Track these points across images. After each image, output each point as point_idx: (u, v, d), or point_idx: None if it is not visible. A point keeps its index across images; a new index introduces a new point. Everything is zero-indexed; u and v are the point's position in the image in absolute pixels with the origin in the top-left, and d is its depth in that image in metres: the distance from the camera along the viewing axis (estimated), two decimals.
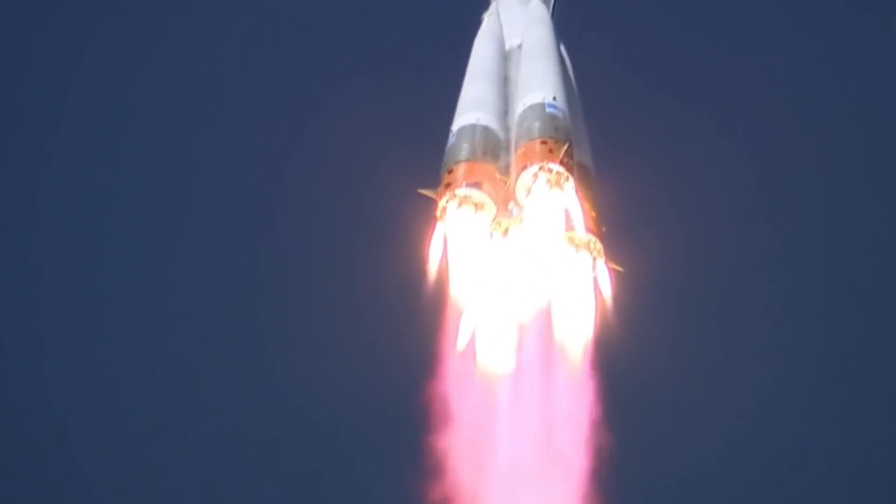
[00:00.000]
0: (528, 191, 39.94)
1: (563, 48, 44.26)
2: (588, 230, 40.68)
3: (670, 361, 48.83)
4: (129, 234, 67.65)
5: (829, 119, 63.12)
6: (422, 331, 39.66)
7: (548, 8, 44.40)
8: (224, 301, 62.63)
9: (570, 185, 39.89)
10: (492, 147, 40.63)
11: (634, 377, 42.83)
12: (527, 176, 39.92)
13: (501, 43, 43.42)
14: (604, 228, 41.26)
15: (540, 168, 39.86)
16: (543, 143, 40.04)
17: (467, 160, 40.27)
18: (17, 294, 67.08)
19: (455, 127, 41.09)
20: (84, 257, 67.63)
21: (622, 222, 42.24)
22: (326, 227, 55.85)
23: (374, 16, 61.63)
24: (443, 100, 42.12)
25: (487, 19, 44.00)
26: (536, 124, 40.26)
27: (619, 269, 41.32)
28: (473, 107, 41.40)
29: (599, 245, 40.83)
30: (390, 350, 42.26)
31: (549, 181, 39.88)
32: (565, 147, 39.95)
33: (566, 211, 40.01)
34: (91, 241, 68.00)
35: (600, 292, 40.74)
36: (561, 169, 39.77)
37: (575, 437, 39.77)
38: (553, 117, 40.59)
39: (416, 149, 42.09)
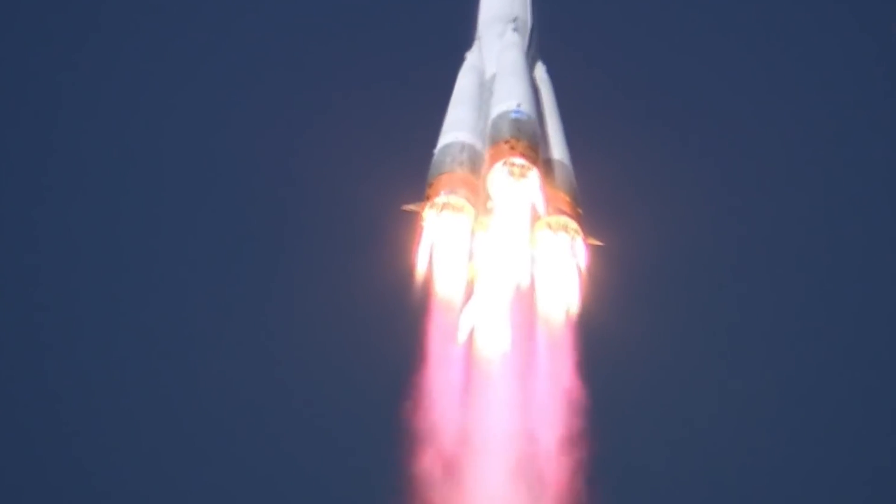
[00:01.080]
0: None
1: (543, 68, 49.07)
2: (565, 213, 44.92)
3: (646, 329, 51.72)
4: (126, 236, 69.58)
5: (803, 99, 65.74)
6: (412, 325, 43.80)
7: (524, 36, 49.18)
8: (220, 297, 64.99)
9: (534, 174, 44.25)
10: (470, 159, 45.23)
11: (613, 346, 46.08)
12: (494, 172, 44.54)
13: (482, 73, 48.10)
14: (580, 211, 45.51)
15: (503, 163, 44.39)
16: (507, 142, 44.54)
17: (446, 172, 45.05)
18: (15, 294, 69.33)
19: (437, 147, 45.98)
20: (82, 257, 69.74)
21: (602, 206, 46.27)
22: (321, 239, 59.10)
23: (365, 36, 64.33)
24: (432, 123, 46.78)
25: (469, 56, 48.91)
26: (503, 128, 44.80)
27: (599, 243, 45.43)
28: (453, 128, 46.13)
29: (575, 225, 44.96)
30: (382, 342, 46.16)
31: (512, 173, 44.32)
32: (527, 143, 44.40)
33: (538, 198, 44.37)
34: (89, 241, 70.30)
35: (578, 267, 44.79)
36: (523, 161, 44.17)
37: (556, 416, 43.66)
38: (517, 121, 45.09)
39: (403, 169, 46.28)
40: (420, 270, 44.31)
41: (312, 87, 62.92)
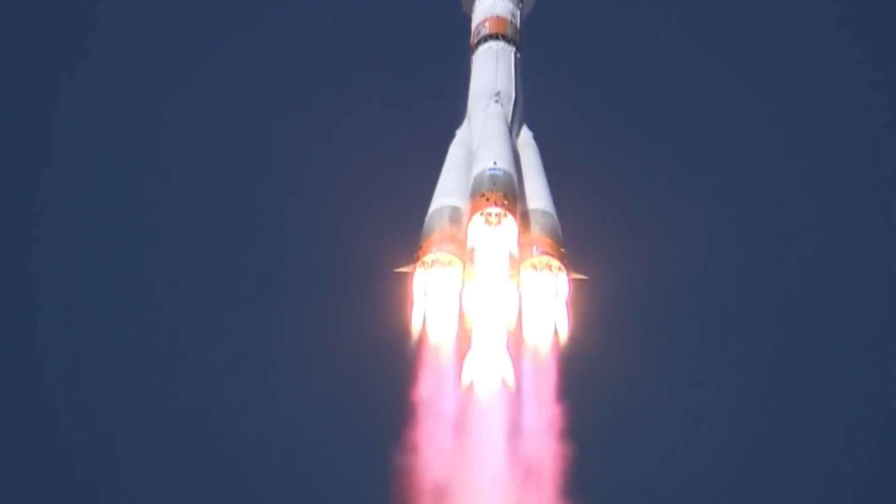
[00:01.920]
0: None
1: (530, 134, 52.28)
2: (548, 254, 47.61)
3: (632, 360, 53.39)
4: (122, 237, 71.88)
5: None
6: (407, 370, 46.63)
7: (507, 107, 52.49)
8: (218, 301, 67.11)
9: (509, 220, 47.16)
10: (455, 219, 48.48)
11: (599, 377, 48.12)
12: (472, 223, 47.61)
13: (469, 145, 51.61)
14: (563, 251, 48.11)
15: (480, 213, 47.45)
16: (482, 195, 47.68)
17: (434, 233, 48.25)
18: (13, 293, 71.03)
19: (427, 215, 49.36)
20: (78, 254, 71.91)
21: (587, 246, 48.82)
22: (319, 296, 61.20)
23: (366, 110, 67.49)
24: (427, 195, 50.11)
25: (459, 132, 52.42)
26: (480, 183, 47.96)
27: (584, 277, 47.84)
28: (441, 195, 49.34)
29: (558, 262, 47.52)
30: (378, 386, 48.67)
31: (488, 222, 47.31)
32: (502, 193, 47.46)
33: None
34: (85, 239, 72.63)
35: (562, 300, 47.24)
36: (498, 209, 47.17)
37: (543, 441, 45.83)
38: (493, 176, 48.21)
39: (398, 235, 49.51)
40: (414, 322, 47.07)
41: (317, 157, 65.93)
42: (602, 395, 48.54)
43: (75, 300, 71.34)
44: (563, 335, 47.03)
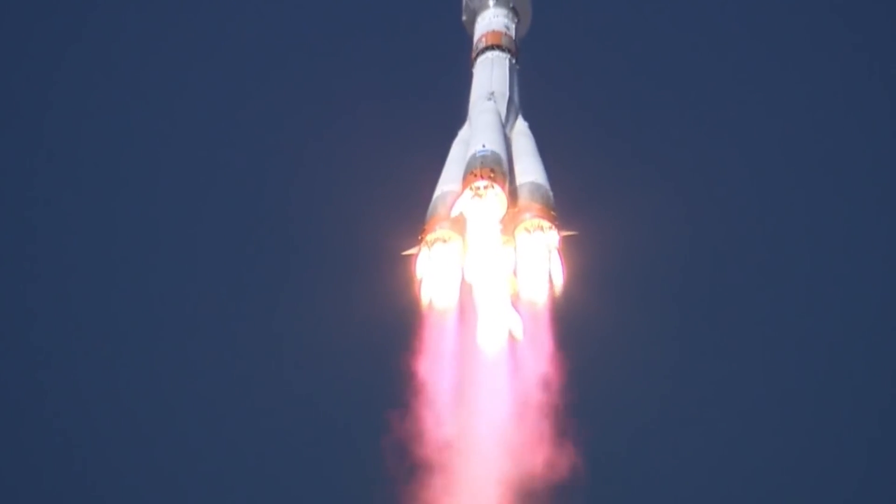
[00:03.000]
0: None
1: (525, 123, 56.34)
2: (538, 216, 51.41)
3: (620, 307, 56.30)
4: (132, 222, 74.00)
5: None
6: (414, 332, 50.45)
7: (502, 104, 56.64)
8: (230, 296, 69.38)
9: (496, 191, 51.05)
10: (453, 201, 52.65)
11: (591, 323, 51.35)
12: (462, 198, 51.63)
13: (468, 143, 55.78)
14: (554, 213, 51.81)
15: (470, 188, 51.49)
16: (472, 173, 51.81)
17: (436, 215, 52.43)
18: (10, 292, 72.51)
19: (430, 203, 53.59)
20: (88, 234, 73.92)
21: (578, 210, 52.54)
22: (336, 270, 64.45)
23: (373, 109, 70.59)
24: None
25: (461, 132, 56.65)
26: (471, 164, 52.19)
27: (574, 233, 51.44)
28: (443, 184, 53.58)
29: (548, 223, 51.23)
30: (389, 346, 52.28)
31: (477, 194, 51.29)
32: (489, 169, 51.50)
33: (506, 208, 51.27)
34: (94, 219, 74.47)
35: (556, 256, 50.89)
36: (485, 182, 51.17)
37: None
38: (482, 156, 52.35)
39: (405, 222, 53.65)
40: (422, 294, 51.04)
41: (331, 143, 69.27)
42: (594, 339, 51.50)
43: (85, 278, 73.68)
44: (558, 285, 50.25)
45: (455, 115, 56.62)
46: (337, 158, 67.22)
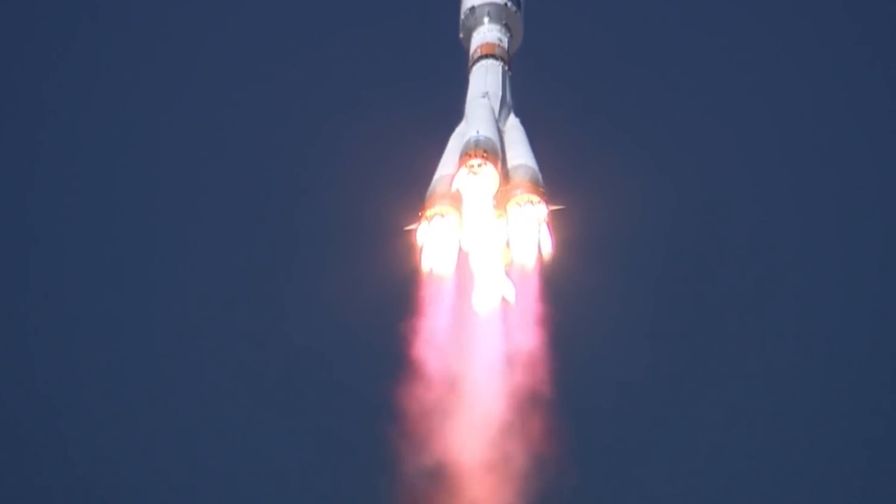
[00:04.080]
0: None
1: (517, 119, 61.48)
2: (528, 192, 56.52)
3: (604, 275, 61.15)
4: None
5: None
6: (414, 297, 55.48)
7: (495, 102, 61.83)
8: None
9: (489, 168, 56.20)
10: (451, 182, 57.80)
11: (577, 288, 56.34)
12: (458, 176, 56.79)
13: (465, 136, 61.06)
14: (542, 190, 56.92)
15: (465, 166, 56.68)
16: (467, 154, 57.02)
17: (434, 194, 57.55)
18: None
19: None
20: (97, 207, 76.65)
21: (566, 187, 57.64)
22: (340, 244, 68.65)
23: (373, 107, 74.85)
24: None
25: (458, 128, 61.82)
26: (466, 147, 57.43)
27: (561, 206, 56.47)
28: (441, 169, 58.74)
29: (537, 197, 56.32)
30: (390, 310, 57.04)
31: (471, 171, 56.43)
32: (483, 150, 56.71)
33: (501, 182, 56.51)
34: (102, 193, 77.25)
35: (544, 227, 56.00)
36: (479, 160, 56.36)
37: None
38: (476, 140, 57.57)
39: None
40: (423, 262, 56.11)
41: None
42: (579, 302, 56.33)
43: (93, 255, 76.54)
44: (546, 254, 55.29)
45: (452, 112, 61.75)
46: (344, 144, 71.67)
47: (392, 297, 56.12)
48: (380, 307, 57.57)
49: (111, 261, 76.35)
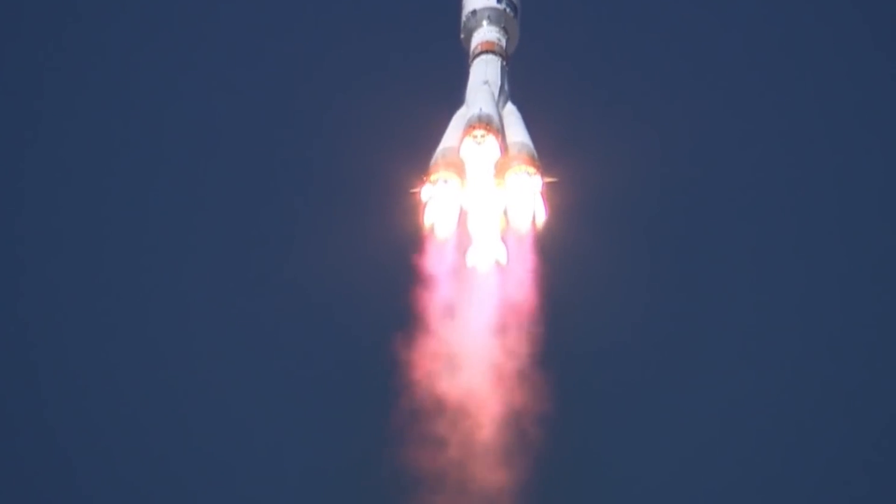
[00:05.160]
0: None
1: (514, 106, 66.97)
2: (524, 163, 62.09)
3: (592, 239, 66.62)
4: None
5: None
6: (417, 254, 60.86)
7: (494, 90, 67.32)
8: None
9: (490, 139, 61.75)
10: (455, 154, 63.19)
11: (567, 252, 61.82)
12: (463, 144, 62.29)
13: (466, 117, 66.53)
14: (538, 164, 62.48)
15: (469, 136, 62.21)
16: (471, 126, 62.53)
17: (438, 162, 62.99)
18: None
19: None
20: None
21: (558, 162, 63.17)
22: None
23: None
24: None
25: (459, 111, 67.24)
26: (470, 121, 62.92)
27: (554, 179, 61.99)
28: (444, 142, 64.06)
29: (533, 169, 61.87)
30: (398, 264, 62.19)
31: (475, 140, 61.92)
32: (485, 123, 62.23)
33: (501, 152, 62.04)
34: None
35: (538, 198, 61.57)
36: (482, 131, 61.89)
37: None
38: (479, 115, 63.06)
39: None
40: (426, 222, 61.44)
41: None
42: (569, 261, 61.71)
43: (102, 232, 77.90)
44: (540, 220, 60.79)
45: (454, 88, 66.88)
46: (357, 113, 76.44)
47: (397, 253, 60.95)
48: (386, 263, 62.41)
49: (113, 226, 78.08)
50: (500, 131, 62.41)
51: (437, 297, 60.13)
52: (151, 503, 71.16)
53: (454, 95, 66.77)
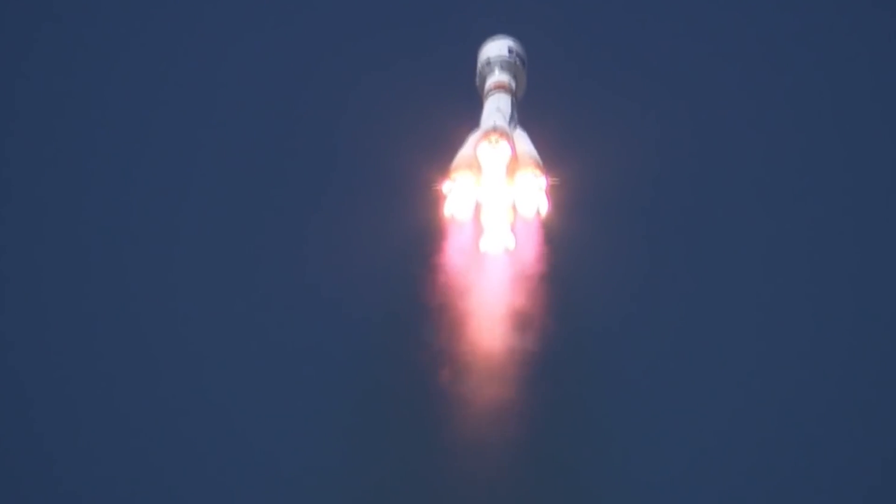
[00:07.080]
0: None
1: (525, 132, 76.60)
2: (534, 168, 71.82)
3: (592, 230, 74.94)
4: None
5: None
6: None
7: (505, 117, 77.12)
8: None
9: (504, 143, 71.50)
10: (473, 160, 72.90)
11: (568, 240, 71.08)
12: (480, 147, 71.99)
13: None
14: (542, 168, 72.28)
15: (486, 140, 72.00)
16: (486, 133, 72.37)
17: (458, 166, 72.64)
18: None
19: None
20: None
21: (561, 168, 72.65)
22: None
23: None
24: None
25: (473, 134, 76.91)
26: (486, 130, 72.72)
27: (557, 180, 71.68)
28: (463, 152, 73.76)
29: (539, 171, 71.60)
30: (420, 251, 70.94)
31: (490, 143, 71.66)
32: (501, 131, 72.05)
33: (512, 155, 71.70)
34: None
35: (542, 198, 71.30)
36: (497, 136, 71.72)
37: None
38: (494, 125, 72.78)
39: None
40: (446, 211, 71.02)
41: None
42: (570, 249, 70.74)
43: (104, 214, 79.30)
44: (544, 213, 70.63)
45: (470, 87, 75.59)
46: (377, 108, 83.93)
47: (419, 237, 69.86)
48: (408, 246, 71.11)
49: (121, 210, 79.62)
50: (512, 140, 72.26)
51: (455, 277, 69.18)
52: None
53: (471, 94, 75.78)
